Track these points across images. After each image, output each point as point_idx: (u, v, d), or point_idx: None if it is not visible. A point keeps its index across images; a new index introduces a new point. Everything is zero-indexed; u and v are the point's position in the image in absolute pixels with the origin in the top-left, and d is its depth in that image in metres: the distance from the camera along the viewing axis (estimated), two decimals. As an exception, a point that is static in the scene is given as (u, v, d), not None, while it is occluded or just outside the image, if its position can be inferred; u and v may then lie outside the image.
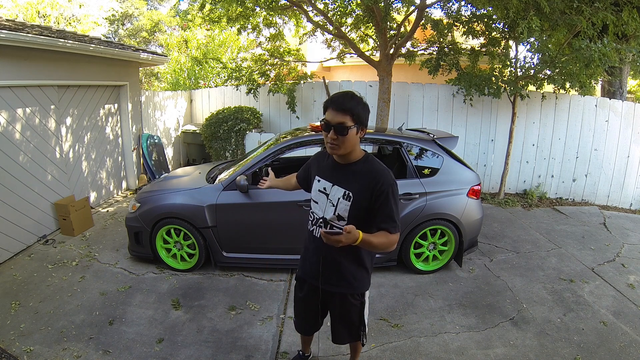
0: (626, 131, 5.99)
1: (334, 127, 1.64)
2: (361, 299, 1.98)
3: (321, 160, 1.92)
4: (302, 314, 2.16)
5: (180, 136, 8.03)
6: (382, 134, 4.03)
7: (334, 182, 1.78)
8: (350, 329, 2.04)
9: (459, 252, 3.78)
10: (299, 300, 2.12)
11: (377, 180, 1.68)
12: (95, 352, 2.65)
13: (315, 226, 1.87)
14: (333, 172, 1.81)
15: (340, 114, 1.63)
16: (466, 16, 5.60)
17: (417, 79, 6.79)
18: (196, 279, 3.65)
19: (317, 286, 1.93)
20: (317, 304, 2.01)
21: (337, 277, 1.88)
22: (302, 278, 2.06)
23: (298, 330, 2.28)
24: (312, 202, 1.90)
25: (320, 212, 1.83)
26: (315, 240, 1.86)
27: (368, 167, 1.74)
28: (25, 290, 3.38)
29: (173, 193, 3.75)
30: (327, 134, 1.67)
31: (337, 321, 2.05)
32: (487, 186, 6.57)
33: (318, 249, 1.85)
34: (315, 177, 1.88)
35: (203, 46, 11.14)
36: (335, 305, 1.99)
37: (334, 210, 1.76)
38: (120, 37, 17.43)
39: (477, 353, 2.71)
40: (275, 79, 6.72)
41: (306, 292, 2.04)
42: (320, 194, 1.83)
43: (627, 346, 2.81)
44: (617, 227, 5.22)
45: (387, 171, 1.73)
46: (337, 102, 1.65)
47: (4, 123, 3.89)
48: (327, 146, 1.72)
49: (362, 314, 2.01)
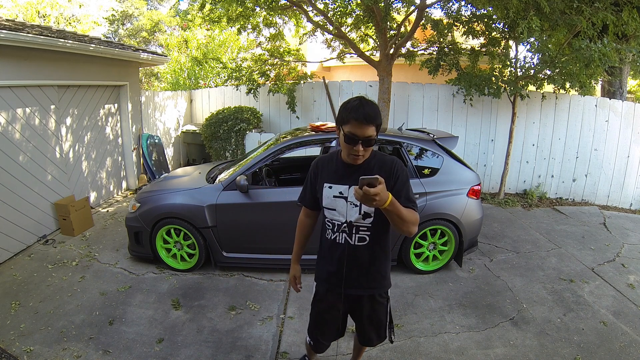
0: (626, 131, 5.99)
1: (362, 141, 1.60)
2: (387, 296, 1.97)
3: (324, 168, 1.83)
4: (322, 330, 2.03)
5: (180, 136, 8.03)
6: (382, 134, 4.02)
7: (350, 183, 1.72)
8: (379, 330, 2.01)
9: (459, 252, 3.78)
10: (321, 315, 2.00)
11: (392, 168, 1.71)
12: (95, 352, 2.65)
13: (338, 233, 1.79)
14: (344, 174, 1.75)
15: (368, 127, 1.58)
16: (466, 16, 5.61)
17: (417, 79, 6.80)
18: (196, 279, 3.65)
19: (341, 294, 1.87)
20: (341, 313, 1.95)
21: (366, 278, 1.85)
22: (325, 290, 1.94)
23: (317, 351, 2.13)
24: (327, 211, 1.80)
25: (342, 217, 1.76)
26: (340, 247, 1.80)
27: (379, 159, 1.75)
28: (25, 290, 3.38)
29: (173, 193, 3.75)
30: (351, 146, 1.61)
31: (365, 324, 1.99)
32: (487, 186, 6.57)
33: (343, 254, 1.80)
34: (324, 185, 1.78)
35: (203, 46, 11.14)
36: (363, 309, 1.93)
37: (358, 210, 1.73)
38: (120, 37, 17.44)
39: (477, 353, 2.71)
40: (275, 79, 6.72)
41: (330, 303, 1.93)
42: (337, 199, 1.75)
43: (627, 346, 2.81)
44: (617, 227, 5.22)
45: (396, 158, 1.78)
46: (364, 115, 1.56)
47: (4, 123, 3.89)
48: (349, 157, 1.67)
49: (389, 312, 2.01)
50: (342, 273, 1.82)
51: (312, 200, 1.91)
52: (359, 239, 1.77)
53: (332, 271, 1.86)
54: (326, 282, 1.92)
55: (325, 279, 1.92)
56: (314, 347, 2.11)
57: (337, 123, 1.70)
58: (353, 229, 1.76)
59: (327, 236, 1.85)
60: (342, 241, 1.79)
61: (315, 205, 1.92)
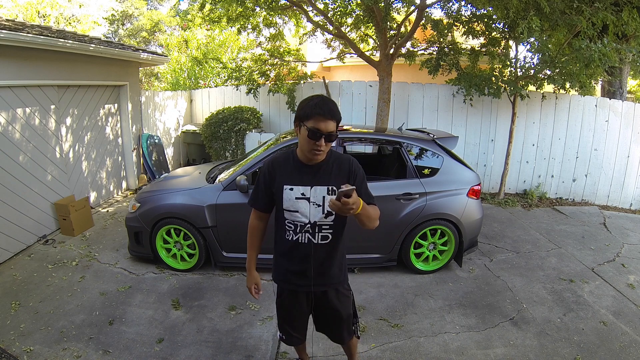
0: (626, 131, 5.99)
1: (325, 136, 1.62)
2: (350, 289, 2.04)
3: (281, 169, 1.79)
4: (293, 325, 2.07)
5: (180, 136, 8.03)
6: (382, 134, 4.03)
7: (311, 184, 1.74)
8: (348, 324, 2.06)
9: (459, 252, 3.78)
10: (288, 312, 2.02)
11: (349, 166, 1.79)
12: (95, 352, 2.65)
13: (301, 233, 1.80)
14: (304, 174, 1.75)
15: (331, 121, 1.62)
16: (466, 16, 5.61)
17: (417, 79, 6.79)
18: (196, 279, 3.65)
19: (307, 292, 1.92)
20: (307, 310, 1.99)
21: (328, 274, 1.89)
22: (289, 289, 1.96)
23: (290, 344, 2.19)
24: (288, 213, 1.78)
25: (305, 218, 1.76)
26: (303, 247, 1.81)
27: (336, 158, 1.80)
28: (25, 290, 3.38)
29: (173, 193, 3.75)
30: (313, 141, 1.62)
31: (332, 319, 2.03)
32: (487, 186, 6.57)
33: (307, 255, 1.82)
34: (284, 187, 1.75)
35: (203, 46, 11.15)
36: (329, 303, 1.96)
37: (321, 209, 1.75)
38: (120, 37, 17.44)
39: (477, 353, 2.71)
40: (275, 79, 6.72)
41: (295, 301, 1.96)
42: (300, 201, 1.75)
43: (627, 346, 2.81)
44: (617, 227, 5.22)
45: (352, 157, 1.85)
46: (328, 110, 1.61)
47: (4, 123, 3.89)
48: (310, 153, 1.67)
49: (354, 305, 2.08)
50: (310, 272, 1.85)
51: (266, 203, 1.87)
52: (322, 238, 1.80)
53: (295, 271, 1.88)
54: (288, 282, 1.94)
55: (287, 280, 1.94)
56: (288, 341, 2.15)
57: (297, 120, 1.69)
58: (316, 228, 1.78)
59: (286, 237, 1.83)
60: (306, 241, 1.80)
61: (269, 208, 1.89)
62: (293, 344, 2.22)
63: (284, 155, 1.83)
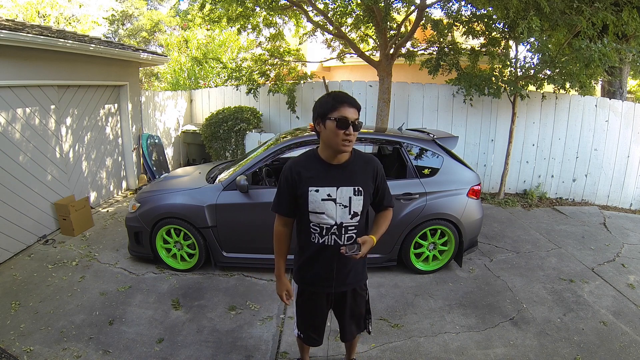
0: (626, 131, 5.99)
1: (353, 124, 1.64)
2: (366, 288, 2.06)
3: (304, 171, 1.76)
4: (312, 324, 2.07)
5: (180, 136, 8.03)
6: (382, 134, 4.03)
7: (337, 185, 1.73)
8: (359, 322, 2.09)
9: (459, 252, 3.78)
10: (309, 311, 2.03)
11: (373, 166, 1.83)
12: (95, 352, 2.65)
13: (327, 236, 1.79)
14: (329, 176, 1.74)
15: (355, 109, 1.67)
16: (466, 16, 5.60)
17: (417, 79, 6.79)
18: (196, 279, 3.65)
19: (329, 293, 1.93)
20: (327, 310, 2.02)
21: (354, 274, 1.92)
22: (313, 290, 1.96)
23: (308, 343, 2.16)
24: (313, 216, 1.76)
25: (331, 219, 1.75)
26: (328, 249, 1.81)
27: (360, 158, 1.83)
28: (25, 290, 3.38)
29: (173, 193, 3.75)
30: (342, 131, 1.63)
31: (347, 318, 2.04)
32: (487, 186, 6.57)
33: (332, 257, 1.81)
34: (310, 189, 1.73)
35: (203, 46, 11.14)
36: (346, 303, 1.99)
37: (348, 210, 1.75)
38: (120, 37, 17.45)
39: (477, 353, 2.71)
40: (275, 79, 6.72)
41: (316, 301, 1.98)
42: (326, 202, 1.74)
43: (627, 346, 2.81)
44: (617, 227, 5.22)
45: (373, 156, 1.91)
46: (350, 99, 1.67)
47: (4, 123, 3.89)
48: (341, 145, 1.65)
49: (368, 303, 2.11)
50: (333, 274, 1.86)
51: (290, 208, 1.83)
52: (347, 239, 1.80)
53: (321, 273, 1.87)
54: (313, 285, 1.94)
55: (312, 282, 1.93)
56: (306, 341, 2.13)
57: (319, 118, 1.68)
58: (342, 229, 1.78)
59: (312, 240, 1.82)
60: (332, 243, 1.80)
61: (293, 213, 1.86)
62: (313, 345, 2.17)
63: (306, 157, 1.81)
